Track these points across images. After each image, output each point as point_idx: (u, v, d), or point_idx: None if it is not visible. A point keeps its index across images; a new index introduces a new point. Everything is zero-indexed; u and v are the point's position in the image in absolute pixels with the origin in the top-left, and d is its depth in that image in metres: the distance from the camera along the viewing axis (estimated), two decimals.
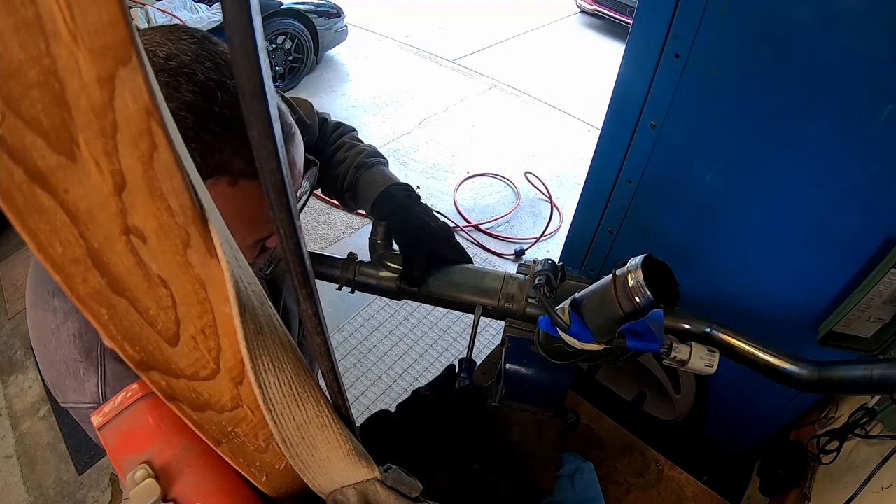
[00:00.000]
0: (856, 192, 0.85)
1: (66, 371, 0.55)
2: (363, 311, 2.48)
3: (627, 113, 1.03)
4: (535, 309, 0.72)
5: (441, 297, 0.76)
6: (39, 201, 0.21)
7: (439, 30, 5.53)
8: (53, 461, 1.83)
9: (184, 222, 0.26)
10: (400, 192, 0.79)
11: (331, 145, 0.89)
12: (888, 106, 0.75)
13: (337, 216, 3.01)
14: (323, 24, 4.03)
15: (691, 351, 0.57)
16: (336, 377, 0.37)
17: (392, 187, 0.79)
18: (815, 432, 1.02)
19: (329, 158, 0.88)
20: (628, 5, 5.36)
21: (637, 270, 0.49)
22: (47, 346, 0.55)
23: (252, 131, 0.21)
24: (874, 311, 0.89)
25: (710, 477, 1.10)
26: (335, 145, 0.88)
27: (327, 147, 0.89)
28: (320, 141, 0.90)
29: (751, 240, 1.02)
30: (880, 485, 0.76)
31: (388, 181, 0.81)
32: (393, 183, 0.80)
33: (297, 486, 0.42)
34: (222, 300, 0.29)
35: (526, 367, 0.79)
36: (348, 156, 0.86)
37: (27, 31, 0.18)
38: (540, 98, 4.46)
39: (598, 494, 0.90)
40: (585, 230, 1.27)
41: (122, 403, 0.37)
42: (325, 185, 0.90)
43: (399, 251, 0.77)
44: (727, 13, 0.83)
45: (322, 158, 0.89)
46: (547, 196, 3.30)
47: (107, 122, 0.21)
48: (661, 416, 1.40)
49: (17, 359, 2.12)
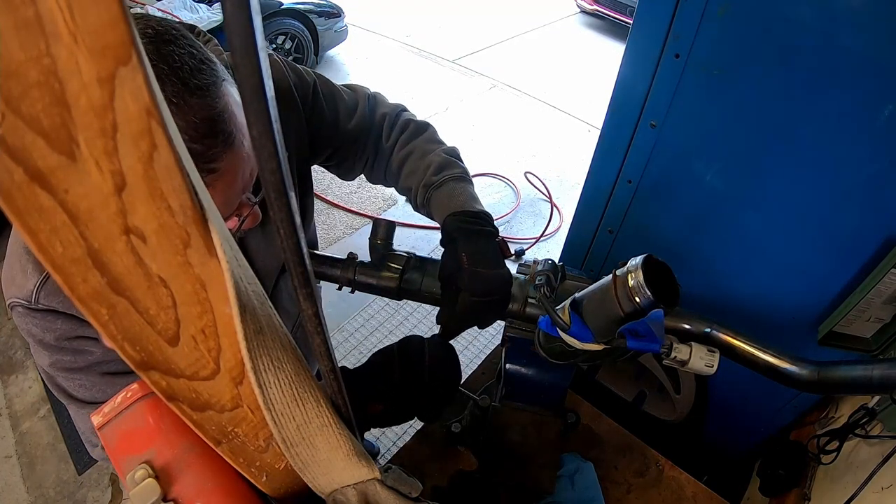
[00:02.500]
0: (856, 192, 0.85)
1: (17, 264, 0.59)
2: (363, 311, 2.47)
3: (627, 113, 1.03)
4: (535, 309, 0.72)
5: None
6: (39, 201, 0.21)
7: (439, 30, 5.53)
8: (53, 461, 1.83)
9: (184, 222, 0.26)
10: (453, 227, 0.72)
11: (399, 149, 0.85)
12: (888, 106, 0.75)
13: (337, 216, 3.01)
14: (323, 24, 4.03)
15: (691, 351, 0.57)
16: (336, 377, 0.37)
17: (448, 219, 0.73)
18: (815, 432, 1.02)
19: (398, 167, 0.85)
20: (628, 5, 5.36)
21: (637, 271, 0.49)
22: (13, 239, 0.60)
23: (252, 131, 0.21)
24: (874, 311, 0.89)
25: (710, 477, 1.10)
26: (404, 151, 0.84)
27: (392, 150, 0.86)
28: (379, 140, 0.87)
29: (751, 240, 1.02)
30: (880, 485, 0.76)
31: (453, 207, 0.75)
32: (450, 213, 0.73)
33: (297, 486, 0.42)
34: (222, 300, 0.29)
35: (526, 367, 0.79)
36: (418, 169, 0.82)
37: (27, 31, 0.18)
38: (540, 98, 4.46)
39: (598, 494, 0.90)
40: (585, 230, 1.27)
41: (122, 403, 0.37)
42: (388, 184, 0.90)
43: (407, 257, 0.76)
44: (727, 13, 0.83)
45: (381, 157, 0.87)
46: (547, 196, 3.30)
47: (107, 122, 0.21)
48: (661, 416, 1.40)
49: (18, 359, 2.12)
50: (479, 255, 0.68)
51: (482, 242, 0.70)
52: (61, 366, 0.60)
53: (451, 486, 0.89)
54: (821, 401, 1.10)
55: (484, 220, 0.73)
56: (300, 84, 0.76)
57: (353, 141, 0.85)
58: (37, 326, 0.58)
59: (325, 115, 0.80)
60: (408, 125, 0.86)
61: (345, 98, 0.83)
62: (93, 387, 0.62)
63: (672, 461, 0.98)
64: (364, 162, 0.89)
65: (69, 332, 0.58)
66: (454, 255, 0.69)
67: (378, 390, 0.59)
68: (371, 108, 0.86)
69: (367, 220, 3.00)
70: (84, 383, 0.61)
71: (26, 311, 0.58)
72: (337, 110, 0.82)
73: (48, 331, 0.58)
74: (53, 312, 0.57)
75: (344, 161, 0.88)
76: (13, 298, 0.58)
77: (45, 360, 0.60)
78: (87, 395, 0.62)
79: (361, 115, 0.84)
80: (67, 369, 0.61)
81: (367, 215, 3.02)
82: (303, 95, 0.76)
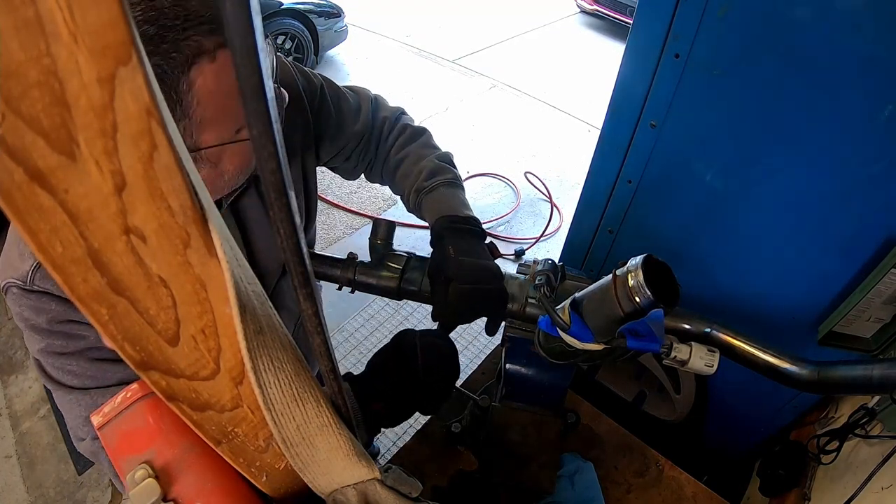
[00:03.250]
0: (856, 192, 0.85)
1: (14, 248, 0.60)
2: (363, 311, 2.47)
3: (627, 113, 1.03)
4: (535, 309, 0.72)
5: None
6: (39, 201, 0.21)
7: (439, 30, 5.53)
8: (53, 461, 1.83)
9: (184, 222, 0.26)
10: (441, 227, 0.74)
11: (395, 153, 0.88)
12: (888, 106, 0.75)
13: (337, 216, 3.01)
14: (323, 24, 4.03)
15: (691, 351, 0.57)
16: (336, 377, 0.37)
17: (437, 221, 0.75)
18: (815, 432, 1.02)
19: (393, 170, 0.87)
20: (628, 5, 5.36)
21: (637, 270, 0.49)
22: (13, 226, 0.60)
23: (252, 131, 0.21)
24: (874, 311, 0.89)
25: (710, 477, 1.10)
26: (400, 155, 0.87)
27: (388, 153, 0.88)
28: (379, 142, 0.89)
29: (751, 240, 1.02)
30: (880, 485, 0.76)
31: (443, 211, 0.77)
32: (440, 216, 0.76)
33: (297, 486, 0.42)
34: (222, 300, 0.29)
35: (526, 367, 0.79)
36: (411, 173, 0.84)
37: (27, 31, 0.18)
38: (540, 98, 4.46)
39: (598, 494, 0.90)
40: (585, 230, 1.27)
41: (122, 403, 0.37)
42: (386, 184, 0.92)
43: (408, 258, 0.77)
44: (727, 13, 0.83)
45: (379, 159, 0.90)
46: (547, 196, 3.30)
47: (107, 122, 0.21)
48: (661, 416, 1.40)
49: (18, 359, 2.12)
50: (466, 247, 0.71)
51: (469, 239, 0.73)
52: (52, 350, 0.60)
53: (451, 486, 0.90)
54: (821, 401, 1.10)
55: (471, 223, 0.75)
56: (308, 87, 0.79)
57: (357, 143, 0.87)
58: (30, 309, 0.58)
59: (332, 118, 0.82)
60: (405, 129, 0.89)
61: (349, 101, 0.86)
62: (83, 373, 0.61)
63: (672, 461, 0.98)
64: (367, 163, 0.92)
65: (62, 315, 0.59)
66: (442, 250, 0.71)
67: (377, 390, 0.59)
68: (374, 110, 0.89)
69: (367, 220, 3.00)
70: (74, 369, 0.61)
71: (21, 292, 0.58)
72: (342, 113, 0.84)
73: (41, 313, 0.58)
74: (47, 295, 0.58)
75: (347, 162, 0.90)
76: (8, 280, 0.58)
77: (36, 345, 0.60)
78: (76, 382, 0.62)
79: (365, 117, 0.86)
80: (59, 354, 0.60)
81: (367, 215, 3.03)
82: (310, 98, 0.79)
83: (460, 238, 0.73)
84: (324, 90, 0.81)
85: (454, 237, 0.72)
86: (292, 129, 0.75)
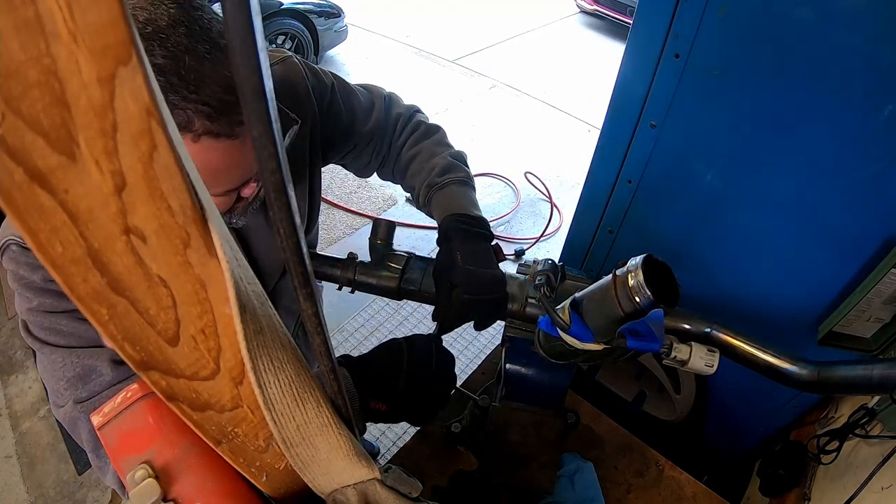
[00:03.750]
0: (856, 192, 0.85)
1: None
2: (363, 311, 2.47)
3: (627, 113, 1.03)
4: (535, 309, 0.72)
5: None
6: (39, 201, 0.21)
7: (439, 30, 5.53)
8: (53, 461, 1.83)
9: (184, 222, 0.26)
10: (450, 226, 0.73)
11: (408, 149, 0.88)
12: (888, 106, 0.75)
13: (337, 216, 3.01)
14: (323, 24, 4.03)
15: (691, 351, 0.57)
16: (336, 377, 0.37)
17: (446, 219, 0.75)
18: (815, 432, 1.02)
19: (405, 166, 0.87)
20: (628, 5, 5.36)
21: (637, 270, 0.49)
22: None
23: (252, 131, 0.21)
24: (874, 311, 0.89)
25: (710, 477, 1.10)
26: (412, 151, 0.87)
27: (401, 149, 0.89)
28: (392, 139, 0.90)
29: (751, 240, 1.02)
30: (880, 485, 0.76)
31: (452, 209, 0.76)
32: (448, 214, 0.75)
33: (297, 486, 0.42)
34: (222, 300, 0.29)
35: (526, 367, 0.79)
36: (423, 169, 0.84)
37: (27, 31, 0.18)
38: (540, 98, 4.46)
39: (598, 494, 0.90)
40: (585, 230, 1.27)
41: (122, 403, 0.37)
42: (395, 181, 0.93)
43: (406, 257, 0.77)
44: (727, 14, 0.83)
45: (392, 155, 0.90)
46: (547, 196, 3.30)
47: (107, 122, 0.21)
48: (661, 416, 1.40)
49: (17, 359, 2.12)
50: (474, 254, 0.70)
51: (477, 243, 0.72)
52: (43, 308, 0.60)
53: (451, 486, 0.90)
54: (821, 401, 1.10)
55: (480, 224, 0.75)
56: (318, 85, 0.78)
57: (369, 140, 0.88)
58: (27, 266, 0.59)
59: (342, 116, 0.83)
60: (419, 126, 0.89)
61: (361, 98, 0.86)
62: (71, 332, 0.61)
63: (672, 461, 0.98)
64: (379, 161, 0.92)
65: None
66: (449, 253, 0.71)
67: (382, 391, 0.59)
68: (387, 107, 0.89)
69: (367, 220, 3.00)
70: (63, 328, 0.61)
71: (20, 249, 0.59)
72: (354, 111, 0.84)
73: (37, 270, 0.59)
74: None
75: (359, 159, 0.90)
76: (9, 237, 0.59)
77: (27, 305, 0.60)
78: (62, 341, 0.61)
79: (378, 115, 0.87)
80: (49, 312, 0.60)
81: (367, 215, 3.02)
82: (320, 96, 0.78)
83: (468, 241, 0.72)
84: (334, 89, 0.81)
85: (462, 239, 0.72)
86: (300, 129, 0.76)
